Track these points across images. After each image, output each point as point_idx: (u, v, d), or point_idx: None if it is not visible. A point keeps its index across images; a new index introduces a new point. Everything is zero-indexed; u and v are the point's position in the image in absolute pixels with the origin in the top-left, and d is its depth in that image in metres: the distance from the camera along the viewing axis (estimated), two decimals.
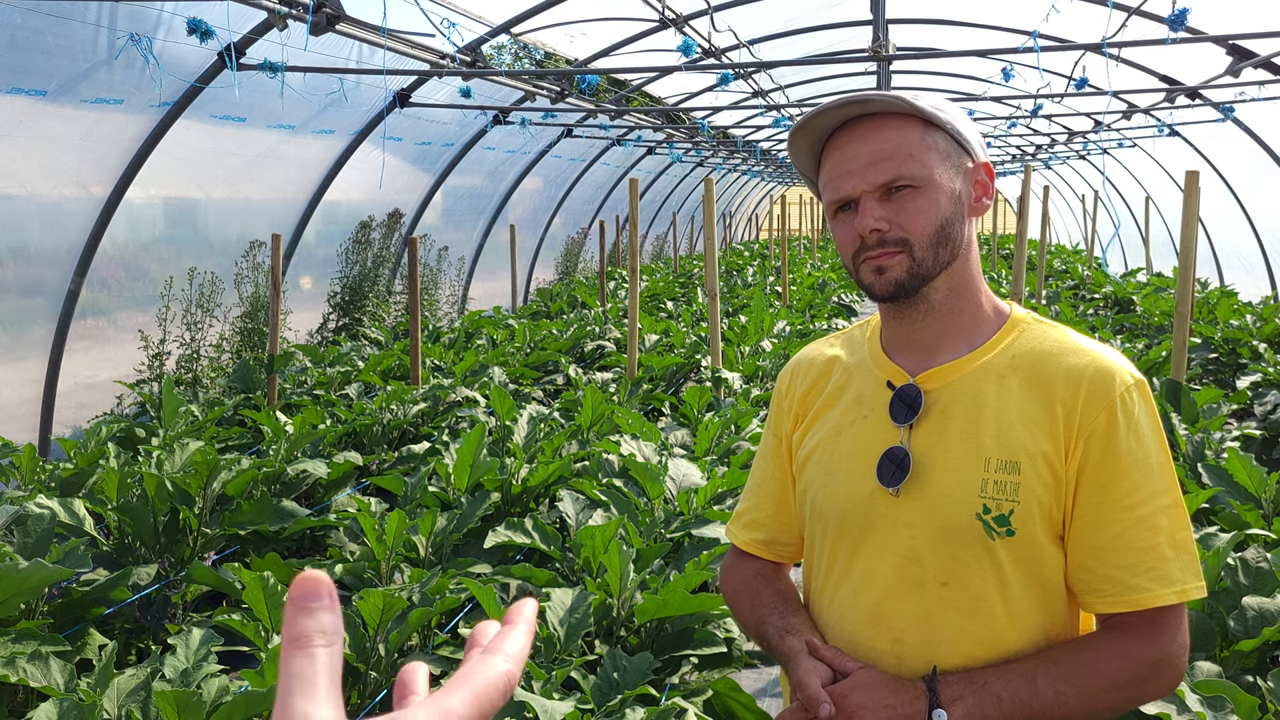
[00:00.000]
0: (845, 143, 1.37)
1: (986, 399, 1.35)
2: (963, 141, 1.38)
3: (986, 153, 1.43)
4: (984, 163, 1.40)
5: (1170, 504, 1.30)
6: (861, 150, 1.35)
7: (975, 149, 1.40)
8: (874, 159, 1.34)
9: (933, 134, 1.35)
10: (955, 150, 1.37)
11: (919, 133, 1.35)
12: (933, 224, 1.34)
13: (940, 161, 1.35)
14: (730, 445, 4.91)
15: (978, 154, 1.40)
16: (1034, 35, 6.01)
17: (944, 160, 1.35)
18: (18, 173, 5.41)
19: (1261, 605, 2.91)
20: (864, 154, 1.34)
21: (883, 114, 1.35)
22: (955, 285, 1.39)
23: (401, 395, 5.63)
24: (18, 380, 5.65)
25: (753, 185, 26.20)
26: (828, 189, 1.40)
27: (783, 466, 1.56)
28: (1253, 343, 7.89)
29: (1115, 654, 1.30)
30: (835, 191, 1.38)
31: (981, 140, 1.43)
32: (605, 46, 8.71)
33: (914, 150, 1.33)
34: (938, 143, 1.35)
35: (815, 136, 1.40)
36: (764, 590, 1.55)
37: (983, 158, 1.41)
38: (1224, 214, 12.09)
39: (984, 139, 1.69)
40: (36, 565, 2.80)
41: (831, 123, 1.38)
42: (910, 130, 1.34)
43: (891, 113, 1.35)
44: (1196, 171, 5.04)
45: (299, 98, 6.80)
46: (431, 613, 2.92)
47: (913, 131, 1.34)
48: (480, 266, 11.73)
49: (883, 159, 1.33)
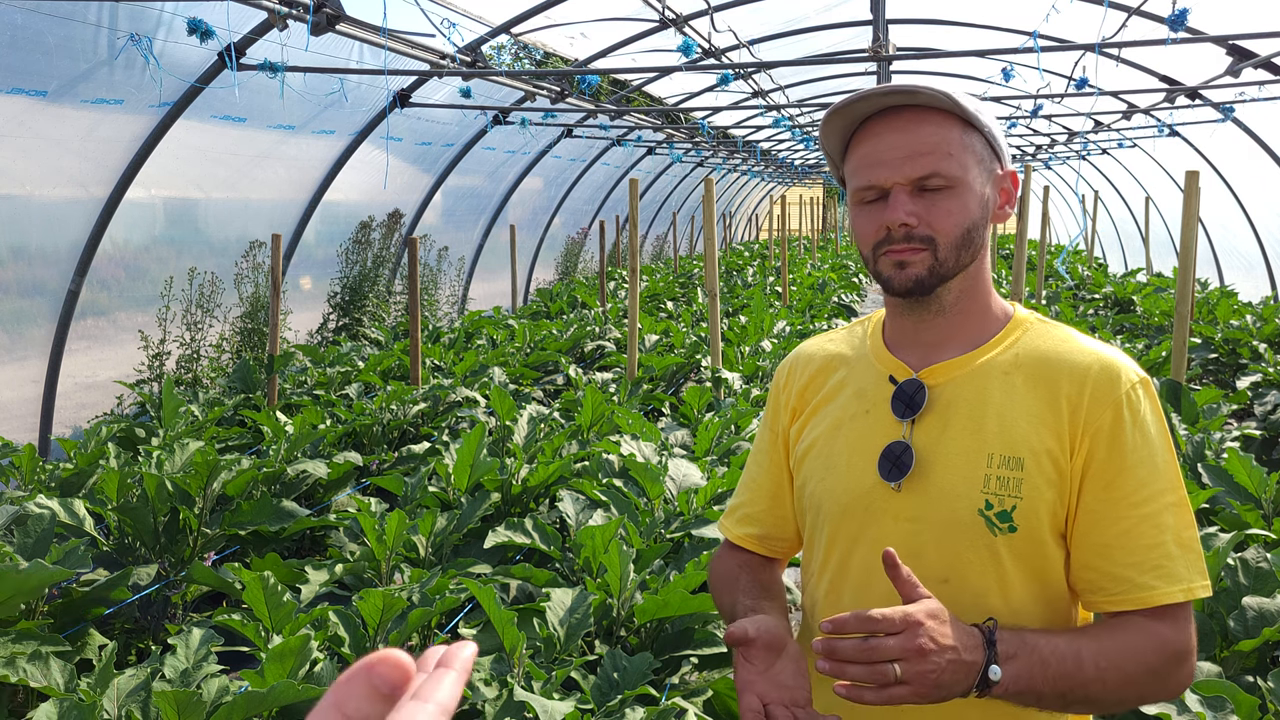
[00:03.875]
0: (883, 130, 1.34)
1: (990, 395, 1.35)
2: (996, 147, 1.37)
3: (1011, 161, 1.43)
4: (1011, 171, 1.40)
5: (1176, 502, 1.30)
6: (899, 141, 1.32)
7: (1005, 156, 1.40)
8: (912, 151, 1.31)
9: (971, 135, 1.34)
10: (989, 155, 1.36)
11: (959, 132, 1.33)
12: (960, 226, 1.32)
13: (975, 164, 1.34)
14: (730, 445, 4.91)
15: (1007, 161, 1.40)
16: (1034, 35, 6.01)
17: (978, 163, 1.34)
18: (18, 173, 5.41)
19: (1261, 605, 2.91)
20: (902, 145, 1.32)
21: (925, 107, 1.33)
22: (968, 287, 1.39)
23: (401, 395, 5.63)
24: (18, 380, 5.65)
25: (753, 185, 26.20)
26: (857, 175, 1.36)
27: (779, 461, 1.55)
28: (1253, 343, 7.89)
29: (1153, 640, 1.27)
30: (865, 178, 1.35)
31: (1008, 149, 1.43)
32: (605, 47, 8.71)
33: (953, 149, 1.32)
34: (974, 145, 1.34)
35: (850, 119, 1.37)
36: (744, 577, 1.52)
37: (1010, 166, 1.40)
38: (1224, 214, 12.09)
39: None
40: (36, 565, 2.80)
41: (871, 108, 1.35)
42: (951, 128, 1.33)
43: (934, 107, 1.33)
44: (1196, 171, 5.04)
45: (299, 98, 6.80)
46: (431, 613, 2.92)
47: (953, 130, 1.33)
48: (480, 266, 11.73)
49: (922, 153, 1.31)
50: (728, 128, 15.22)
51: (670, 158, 15.27)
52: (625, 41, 8.57)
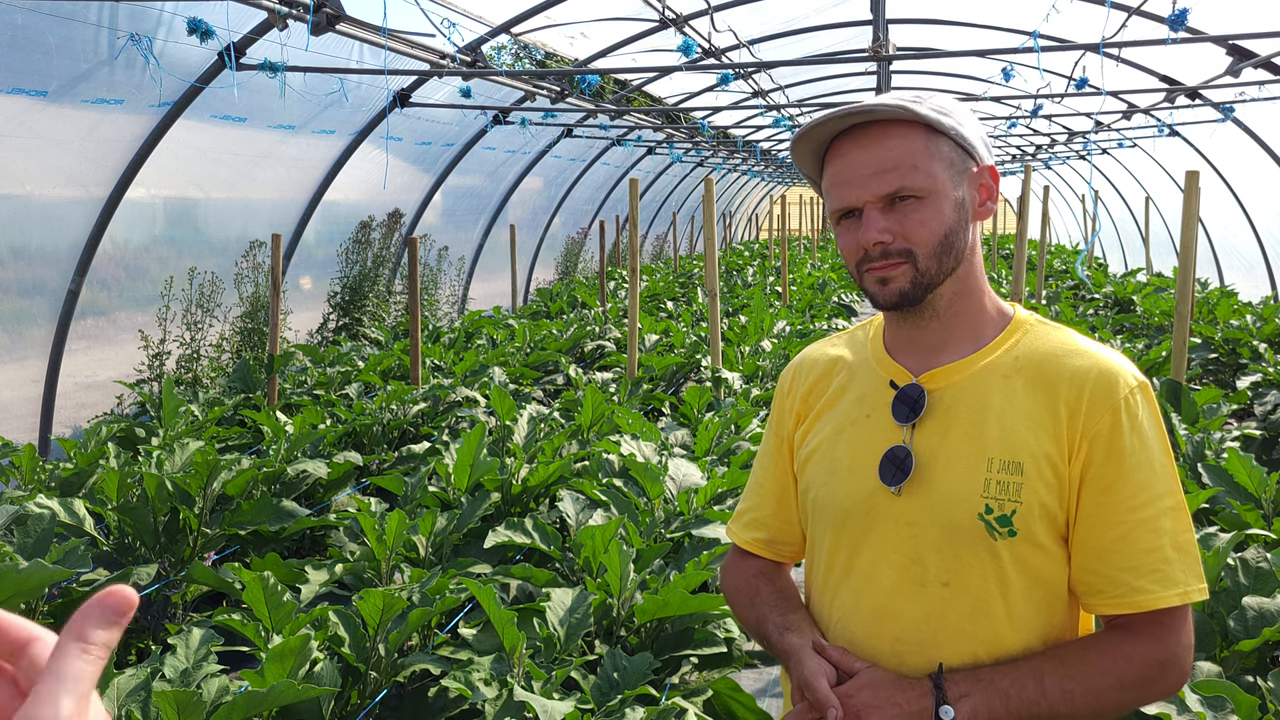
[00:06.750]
0: (849, 150, 1.35)
1: (990, 399, 1.35)
2: (968, 146, 1.36)
3: (992, 154, 1.41)
4: (989, 166, 1.38)
5: (1174, 506, 1.30)
6: (864, 159, 1.33)
7: (980, 152, 1.38)
8: (877, 169, 1.32)
9: (937, 141, 1.33)
10: (960, 156, 1.35)
11: (923, 140, 1.32)
12: (936, 234, 1.32)
13: (944, 169, 1.33)
14: (730, 445, 4.91)
15: (983, 157, 1.38)
16: (1034, 35, 6.01)
17: (948, 167, 1.33)
18: (18, 173, 5.41)
19: (1261, 605, 2.91)
20: (867, 163, 1.32)
21: (886, 121, 1.33)
22: (960, 289, 1.38)
23: (401, 395, 5.63)
24: (18, 380, 5.65)
25: (753, 185, 26.20)
26: (830, 196, 1.38)
27: (784, 466, 1.56)
28: (1253, 343, 7.89)
29: (1122, 654, 1.30)
30: (838, 200, 1.36)
31: (987, 141, 1.41)
32: (605, 46, 8.71)
33: (918, 160, 1.31)
34: (942, 150, 1.33)
35: (818, 140, 1.39)
36: (764, 588, 1.54)
37: (988, 160, 1.39)
38: (1224, 214, 12.09)
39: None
40: (36, 565, 2.80)
41: (835, 129, 1.36)
42: (914, 138, 1.32)
43: (895, 120, 1.33)
44: (1196, 171, 5.04)
45: (299, 98, 6.80)
46: (431, 613, 2.92)
47: (916, 139, 1.32)
48: (480, 266, 11.73)
49: (886, 169, 1.31)
50: (728, 128, 15.22)
51: (670, 158, 15.27)
52: (625, 41, 8.57)
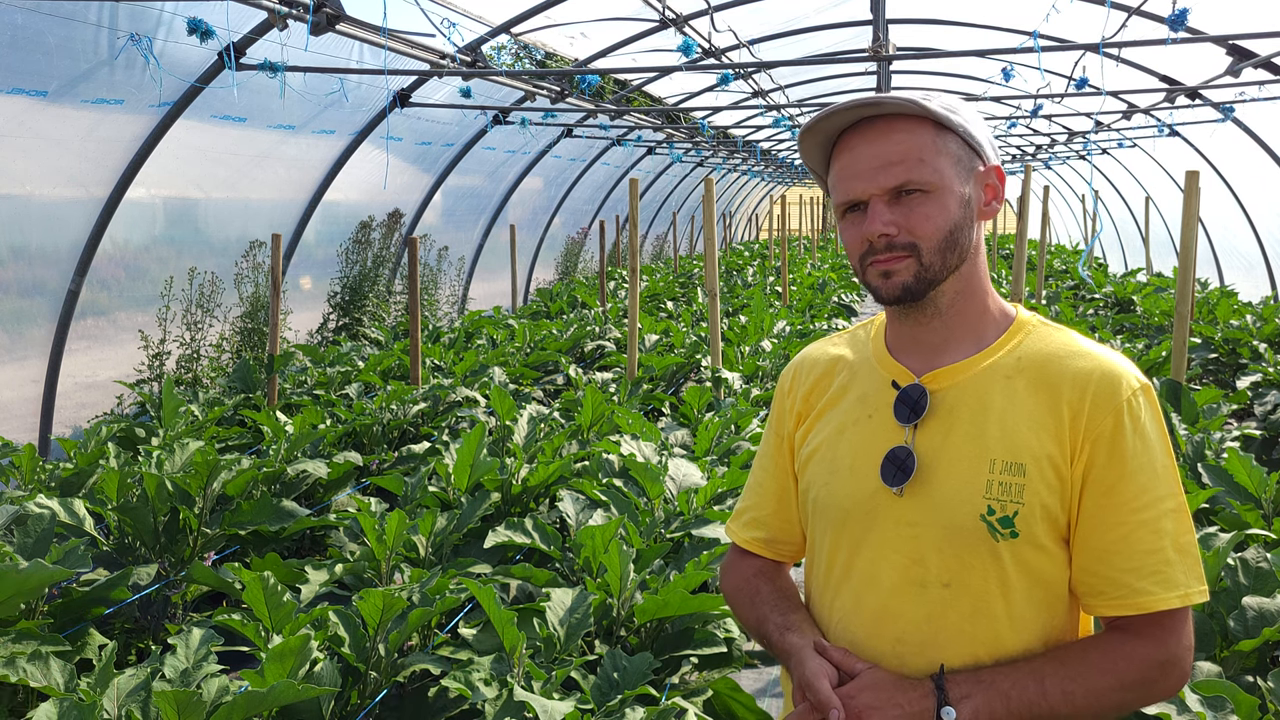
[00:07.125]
0: (856, 143, 1.35)
1: (992, 400, 1.35)
2: (975, 145, 1.36)
3: (998, 155, 1.42)
4: (995, 166, 1.39)
5: (1175, 508, 1.30)
6: (871, 152, 1.33)
7: (987, 152, 1.38)
8: (884, 162, 1.32)
9: (944, 137, 1.34)
10: (967, 154, 1.36)
11: (931, 135, 1.33)
12: (941, 229, 1.33)
13: (951, 165, 1.33)
14: (730, 445, 4.91)
15: (989, 157, 1.38)
16: (1034, 35, 6.01)
17: (955, 164, 1.34)
18: (18, 173, 5.41)
19: (1261, 605, 2.91)
20: (874, 156, 1.33)
21: (894, 115, 1.33)
22: (962, 288, 1.38)
23: (401, 395, 5.63)
24: (18, 380, 5.65)
25: (753, 185, 26.20)
26: (837, 189, 1.38)
27: (784, 465, 1.56)
28: (1253, 343, 7.89)
29: (1122, 655, 1.30)
30: (844, 193, 1.36)
31: (994, 142, 1.42)
32: (605, 46, 8.71)
33: (925, 154, 1.32)
34: (949, 146, 1.34)
35: (826, 134, 1.39)
36: (764, 587, 1.54)
37: (994, 160, 1.39)
38: (1224, 214, 12.09)
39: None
40: (36, 565, 2.80)
41: (843, 122, 1.36)
42: (922, 133, 1.33)
43: (903, 114, 1.33)
44: (1196, 171, 5.04)
45: (299, 98, 6.80)
46: (431, 613, 2.92)
47: (924, 134, 1.33)
48: (480, 266, 11.73)
49: (893, 162, 1.32)
50: (728, 128, 15.22)
51: (670, 157, 15.27)
52: (625, 41, 8.57)
